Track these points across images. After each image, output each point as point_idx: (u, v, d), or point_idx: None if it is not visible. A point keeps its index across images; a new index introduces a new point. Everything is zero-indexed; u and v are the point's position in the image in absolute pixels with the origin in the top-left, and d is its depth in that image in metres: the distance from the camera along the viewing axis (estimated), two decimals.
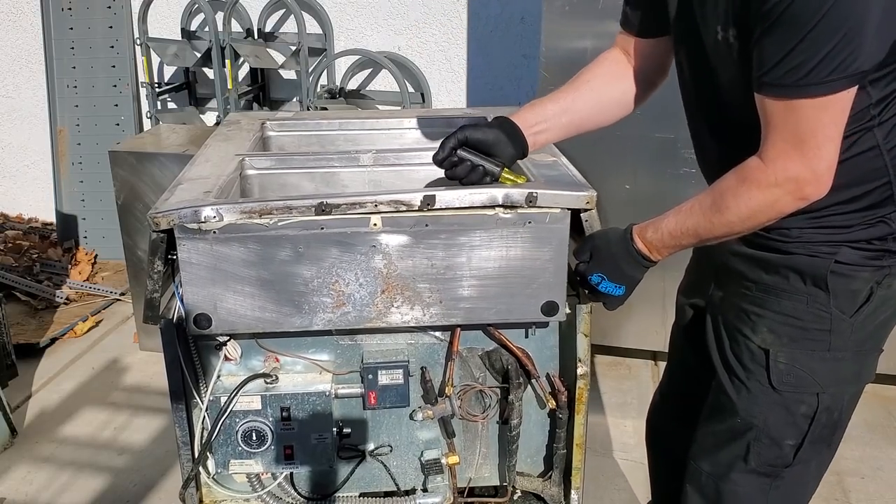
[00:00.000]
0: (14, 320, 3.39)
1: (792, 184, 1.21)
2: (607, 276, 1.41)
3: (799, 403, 1.40)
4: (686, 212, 1.34)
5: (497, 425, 1.65)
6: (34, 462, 2.60)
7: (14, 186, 4.57)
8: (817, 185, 1.21)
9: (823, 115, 1.16)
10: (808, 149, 1.18)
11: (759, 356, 1.41)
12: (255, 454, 1.54)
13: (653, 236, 1.38)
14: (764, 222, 1.28)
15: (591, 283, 1.42)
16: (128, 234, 3.07)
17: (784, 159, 1.20)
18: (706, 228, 1.31)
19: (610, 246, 1.41)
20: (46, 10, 4.04)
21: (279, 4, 3.88)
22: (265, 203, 1.38)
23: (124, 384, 3.06)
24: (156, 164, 2.94)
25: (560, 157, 1.67)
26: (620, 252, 1.39)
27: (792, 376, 1.39)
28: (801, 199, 1.23)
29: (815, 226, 1.33)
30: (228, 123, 2.05)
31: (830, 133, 1.17)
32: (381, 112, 2.47)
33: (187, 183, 1.52)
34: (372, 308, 1.45)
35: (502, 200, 1.41)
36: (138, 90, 4.08)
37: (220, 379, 1.54)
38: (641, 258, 1.39)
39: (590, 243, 1.44)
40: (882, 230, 1.32)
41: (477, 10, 3.70)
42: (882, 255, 1.33)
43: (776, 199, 1.23)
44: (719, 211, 1.28)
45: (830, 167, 1.20)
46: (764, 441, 1.44)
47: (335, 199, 1.39)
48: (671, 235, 1.35)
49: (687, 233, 1.34)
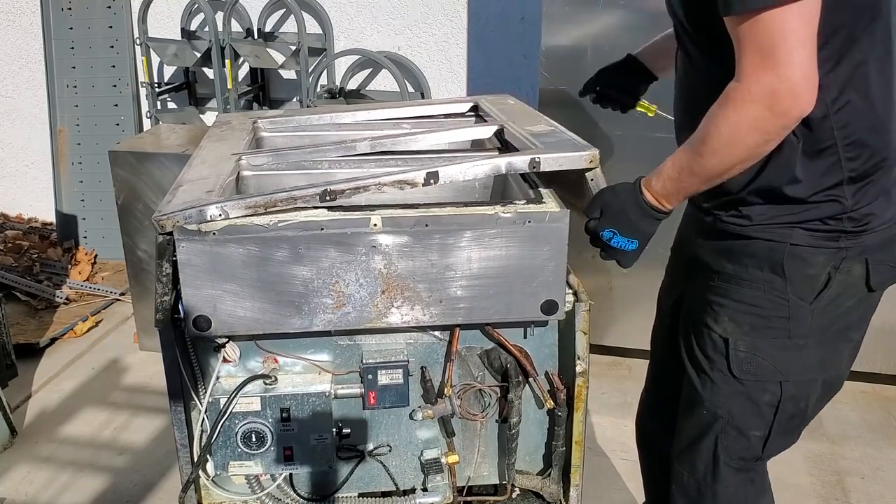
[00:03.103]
0: (14, 320, 3.40)
1: (767, 96, 1.18)
2: (619, 231, 1.40)
3: (762, 392, 1.42)
4: (682, 149, 1.33)
5: (496, 424, 1.65)
6: (34, 462, 2.60)
7: (14, 186, 4.58)
8: (794, 96, 1.18)
9: (790, 19, 1.15)
10: (779, 56, 1.16)
11: (720, 345, 1.42)
12: (254, 455, 1.54)
13: (656, 184, 1.37)
14: (753, 148, 1.25)
15: (602, 240, 1.42)
16: (128, 234, 3.07)
17: (756, 72, 1.18)
18: (698, 163, 1.29)
19: (619, 200, 1.41)
20: (46, 10, 4.04)
21: (279, 4, 3.88)
22: (270, 196, 1.38)
23: (124, 384, 3.07)
24: (156, 164, 2.95)
25: (557, 126, 1.69)
26: (630, 205, 1.39)
27: (753, 364, 1.40)
28: (781, 115, 1.19)
29: (775, 209, 1.33)
30: (220, 124, 2.05)
31: (801, 37, 1.15)
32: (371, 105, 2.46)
33: (187, 185, 1.52)
34: (372, 308, 1.45)
35: (506, 169, 1.44)
36: (138, 90, 4.09)
37: (219, 380, 1.53)
38: (651, 209, 1.38)
39: (599, 199, 1.44)
40: (833, 208, 1.31)
41: (477, 10, 3.70)
42: (837, 236, 1.32)
43: (754, 115, 1.20)
44: (703, 141, 1.27)
45: (807, 75, 1.17)
46: (731, 432, 1.45)
47: (339, 185, 1.40)
48: (670, 178, 1.35)
49: (683, 171, 1.32)
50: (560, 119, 1.78)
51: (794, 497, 2.36)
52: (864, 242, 1.34)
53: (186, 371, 1.51)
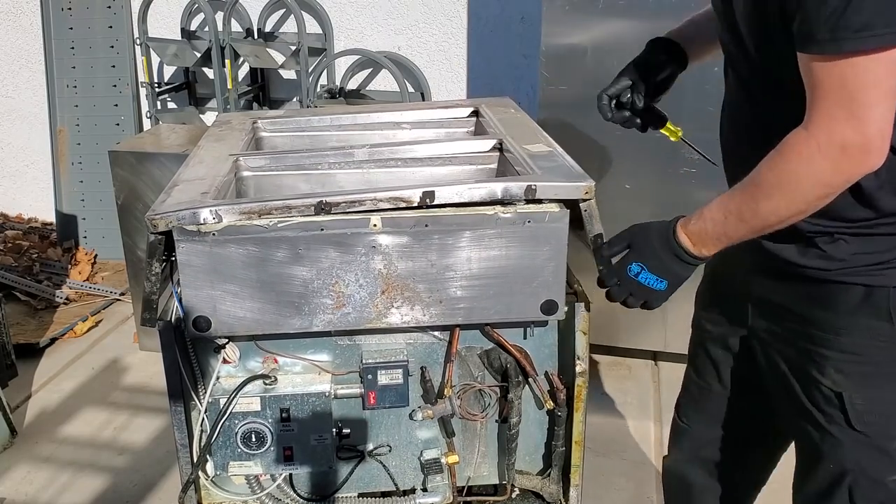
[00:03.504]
0: (14, 320, 3.39)
1: (836, 150, 1.08)
2: (648, 267, 1.29)
3: (889, 440, 1.29)
4: (729, 194, 1.22)
5: (496, 424, 1.65)
6: (34, 462, 2.60)
7: (14, 186, 4.57)
8: (866, 154, 1.08)
9: (878, 71, 1.04)
10: (857, 108, 1.05)
11: (833, 400, 1.28)
12: (254, 456, 1.54)
13: (696, 226, 1.25)
14: (812, 201, 1.14)
15: (629, 275, 1.30)
16: (127, 234, 3.07)
17: (829, 121, 1.07)
18: (750, 209, 1.18)
19: (650, 238, 1.30)
20: (46, 9, 4.03)
21: (279, 4, 3.88)
22: (264, 203, 1.38)
23: (124, 384, 3.06)
24: (156, 163, 2.94)
25: (556, 148, 1.67)
26: (661, 245, 1.28)
27: (873, 415, 1.28)
28: (846, 172, 1.10)
29: (863, 246, 1.20)
30: (220, 124, 2.05)
31: (884, 91, 1.05)
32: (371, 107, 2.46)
33: (183, 184, 1.52)
34: (372, 309, 1.44)
35: (501, 195, 1.42)
36: (138, 90, 4.08)
37: (218, 381, 1.53)
38: (685, 253, 1.26)
39: (627, 235, 1.34)
40: None
41: (477, 10, 3.70)
42: None
43: (820, 169, 1.10)
44: (759, 188, 1.16)
45: (883, 133, 1.07)
46: (864, 483, 1.32)
47: (335, 198, 1.39)
48: (714, 222, 1.22)
49: (730, 217, 1.20)
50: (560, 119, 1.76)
51: None
52: None
53: (186, 371, 1.51)
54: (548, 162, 1.57)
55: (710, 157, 1.55)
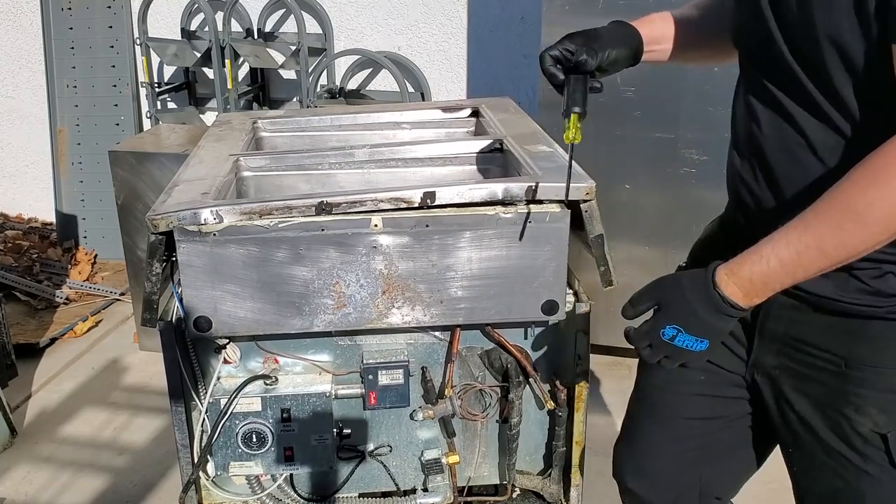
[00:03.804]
0: (14, 320, 3.39)
1: None
2: (685, 329, 1.11)
3: None
4: (800, 226, 1.01)
5: (497, 424, 1.65)
6: (34, 462, 2.60)
7: (14, 186, 4.57)
8: None
9: None
10: None
11: (874, 440, 1.16)
12: (255, 456, 1.54)
13: (753, 270, 1.05)
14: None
15: (662, 339, 1.13)
16: (128, 234, 3.07)
17: None
18: (838, 240, 0.99)
19: (684, 294, 1.11)
20: (46, 9, 4.03)
21: (279, 4, 3.88)
22: (265, 203, 1.38)
23: (124, 384, 3.06)
24: (156, 164, 2.94)
25: (556, 149, 1.66)
26: (700, 302, 1.09)
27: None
28: None
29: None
30: (220, 124, 2.05)
31: None
32: (371, 107, 2.46)
33: (183, 184, 1.52)
34: (373, 309, 1.44)
35: (502, 195, 1.42)
36: (138, 90, 4.08)
37: (219, 381, 1.53)
38: (732, 308, 1.08)
39: (654, 291, 1.16)
40: None
41: (477, 10, 3.70)
42: None
43: None
44: (855, 213, 0.96)
45: None
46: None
47: (335, 198, 1.39)
48: (782, 262, 1.02)
49: (808, 252, 1.00)
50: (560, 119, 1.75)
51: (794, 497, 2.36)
52: None
53: (187, 371, 1.51)
54: (548, 162, 1.57)
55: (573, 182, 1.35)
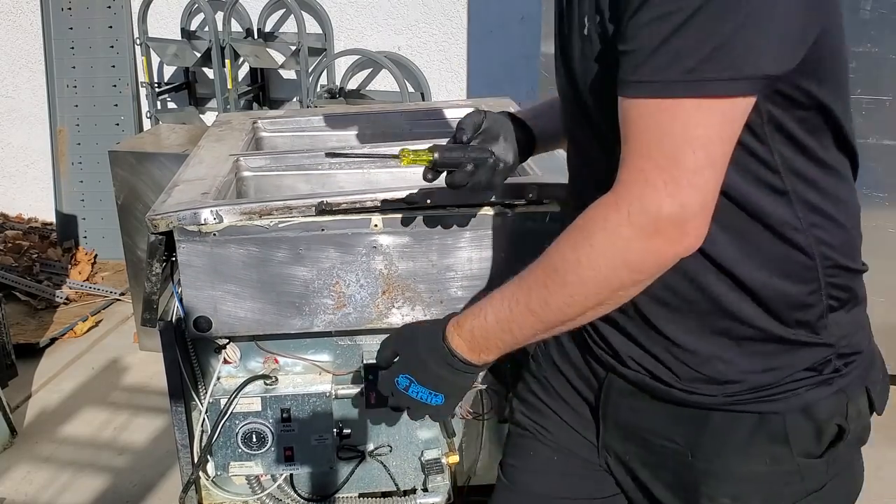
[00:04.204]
0: (14, 320, 3.39)
1: (649, 221, 0.83)
2: (417, 380, 1.05)
3: None
4: (515, 283, 0.97)
5: (497, 424, 1.65)
6: (34, 462, 2.60)
7: (14, 186, 4.57)
8: (682, 230, 0.84)
9: (707, 125, 0.81)
10: (680, 170, 0.82)
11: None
12: (255, 456, 1.54)
13: (473, 326, 1.00)
14: (617, 290, 0.90)
15: (398, 388, 1.07)
16: (127, 234, 3.07)
17: (643, 185, 0.83)
18: (541, 298, 0.93)
19: (417, 345, 1.05)
20: (46, 9, 4.03)
21: (279, 4, 3.88)
22: (265, 204, 1.38)
23: (124, 384, 3.06)
24: (155, 163, 2.94)
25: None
26: (430, 354, 1.03)
27: None
28: (658, 252, 0.86)
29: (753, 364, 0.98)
30: (220, 124, 2.05)
31: (713, 153, 0.82)
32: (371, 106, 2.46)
33: (183, 185, 1.52)
34: (373, 309, 1.44)
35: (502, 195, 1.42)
36: (138, 90, 4.08)
37: (219, 381, 1.53)
38: (460, 362, 1.01)
39: (394, 339, 1.10)
40: (823, 353, 1.00)
41: (477, 10, 3.70)
42: (831, 380, 1.01)
43: (625, 245, 0.86)
44: (555, 272, 0.91)
45: (705, 206, 0.84)
46: None
47: (335, 198, 1.39)
48: (497, 317, 0.97)
49: (517, 308, 0.95)
50: None
51: None
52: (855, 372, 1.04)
53: (187, 371, 1.51)
54: (548, 162, 1.57)
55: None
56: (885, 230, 2.57)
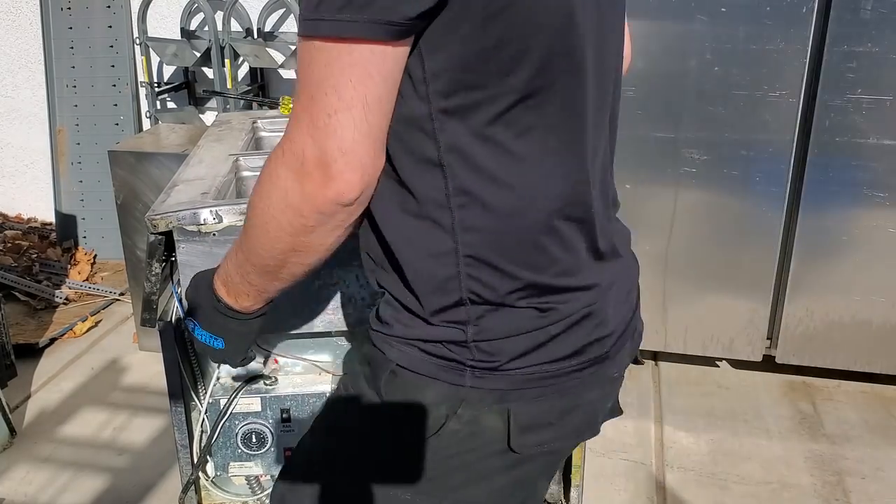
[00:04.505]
0: (13, 320, 3.39)
1: (297, 163, 0.83)
2: (200, 323, 1.10)
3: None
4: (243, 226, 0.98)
5: None
6: (34, 462, 2.60)
7: (13, 186, 4.57)
8: (325, 174, 0.82)
9: (335, 68, 0.80)
10: (316, 112, 0.81)
11: None
12: (254, 456, 1.54)
13: (223, 272, 1.03)
14: (293, 235, 0.88)
15: (190, 332, 1.12)
16: (127, 234, 3.07)
17: (294, 126, 0.84)
18: (247, 246, 0.95)
19: (199, 290, 1.09)
20: (45, 9, 4.03)
21: (279, 4, 3.88)
22: None
23: (124, 384, 3.06)
24: (155, 163, 2.94)
25: None
26: (206, 299, 1.07)
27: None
28: (311, 196, 0.84)
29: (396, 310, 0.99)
30: (219, 124, 2.06)
31: (346, 97, 0.80)
32: None
33: (183, 184, 1.52)
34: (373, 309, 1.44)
35: None
36: (138, 90, 4.08)
37: (218, 381, 1.53)
38: (225, 307, 1.04)
39: (190, 283, 1.14)
40: (456, 333, 0.95)
41: None
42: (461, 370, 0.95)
43: (283, 185, 0.85)
44: (247, 218, 0.94)
45: (345, 151, 0.81)
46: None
47: None
48: (235, 266, 1.00)
49: (242, 258, 0.97)
50: None
51: (794, 497, 2.36)
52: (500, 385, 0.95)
53: (186, 371, 1.51)
54: None
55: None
56: (885, 230, 2.56)
